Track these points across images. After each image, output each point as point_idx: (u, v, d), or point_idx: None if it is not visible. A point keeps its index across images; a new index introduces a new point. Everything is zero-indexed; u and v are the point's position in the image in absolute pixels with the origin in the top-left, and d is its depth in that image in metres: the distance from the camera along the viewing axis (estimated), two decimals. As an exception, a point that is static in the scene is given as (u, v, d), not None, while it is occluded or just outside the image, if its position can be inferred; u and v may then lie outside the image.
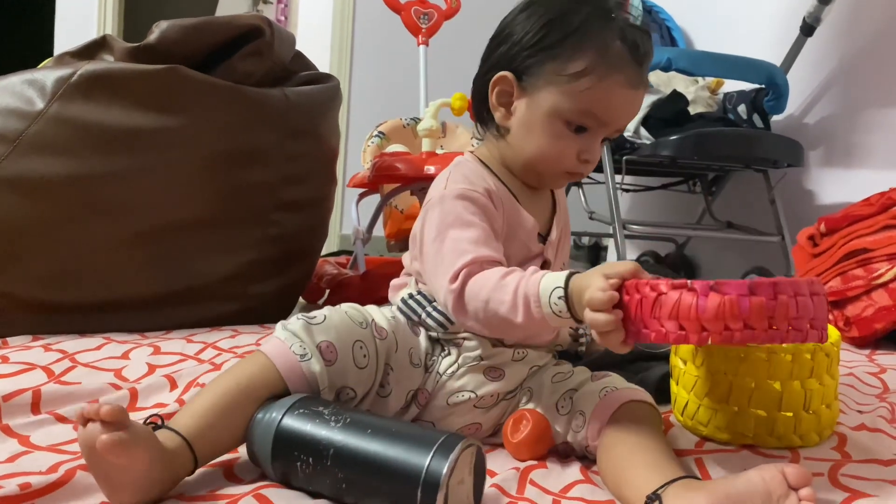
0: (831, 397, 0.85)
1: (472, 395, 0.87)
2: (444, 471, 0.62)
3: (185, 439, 0.70)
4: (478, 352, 0.88)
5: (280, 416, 0.71)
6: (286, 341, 0.78)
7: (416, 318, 0.90)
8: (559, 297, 0.74)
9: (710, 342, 0.67)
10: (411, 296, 0.91)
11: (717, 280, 0.66)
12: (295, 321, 0.80)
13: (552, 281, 0.75)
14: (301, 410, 0.72)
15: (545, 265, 0.93)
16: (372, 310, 0.88)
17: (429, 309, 0.89)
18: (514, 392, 0.90)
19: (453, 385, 0.88)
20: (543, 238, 0.94)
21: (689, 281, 0.67)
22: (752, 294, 0.65)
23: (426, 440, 0.66)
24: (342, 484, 0.67)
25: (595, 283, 0.70)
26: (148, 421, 0.72)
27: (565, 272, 0.76)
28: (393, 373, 0.84)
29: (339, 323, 0.81)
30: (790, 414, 0.82)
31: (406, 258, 0.97)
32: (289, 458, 0.70)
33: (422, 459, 0.64)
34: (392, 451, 0.66)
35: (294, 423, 0.71)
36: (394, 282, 0.97)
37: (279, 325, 0.82)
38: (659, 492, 0.68)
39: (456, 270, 0.81)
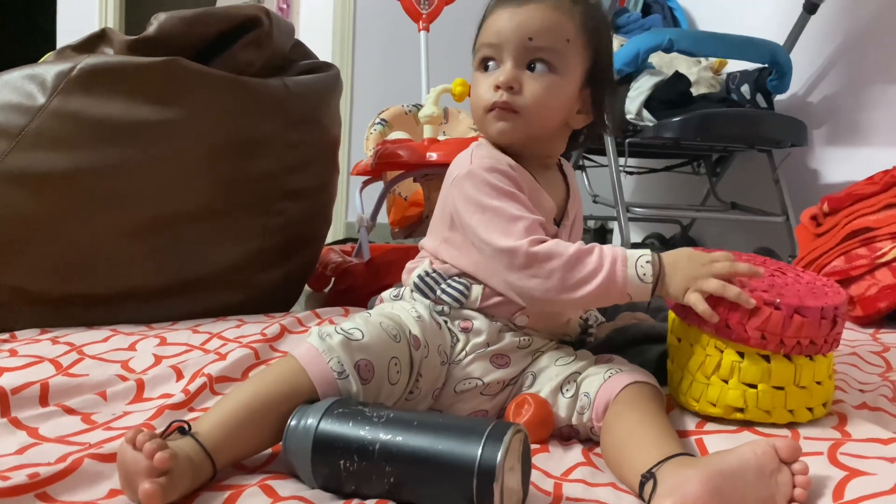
0: (823, 374, 0.84)
1: (479, 383, 0.89)
2: (499, 458, 0.62)
3: (207, 452, 0.70)
4: (484, 337, 0.89)
5: (318, 419, 0.70)
6: (324, 354, 0.77)
7: (432, 294, 0.91)
8: (647, 262, 0.81)
9: (780, 352, 0.81)
10: (427, 273, 0.93)
11: (797, 302, 0.79)
12: (334, 333, 0.79)
13: (638, 251, 0.82)
14: (340, 410, 0.71)
15: None
16: (402, 313, 0.88)
17: (444, 286, 0.91)
18: (518, 377, 0.91)
19: (461, 373, 0.89)
20: (557, 222, 0.95)
21: (777, 300, 0.79)
22: (822, 318, 0.80)
23: (475, 429, 0.66)
24: (390, 478, 0.66)
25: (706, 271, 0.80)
26: (171, 429, 0.71)
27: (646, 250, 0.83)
28: (422, 378, 0.85)
29: (376, 340, 0.80)
30: (780, 388, 0.82)
31: (425, 241, 0.98)
32: (331, 459, 0.69)
33: (474, 448, 0.64)
34: (442, 442, 0.66)
35: (334, 422, 0.70)
36: (408, 265, 0.98)
37: (314, 331, 0.80)
38: (653, 470, 0.69)
39: (520, 229, 0.83)
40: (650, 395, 0.82)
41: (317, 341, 0.78)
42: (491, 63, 0.91)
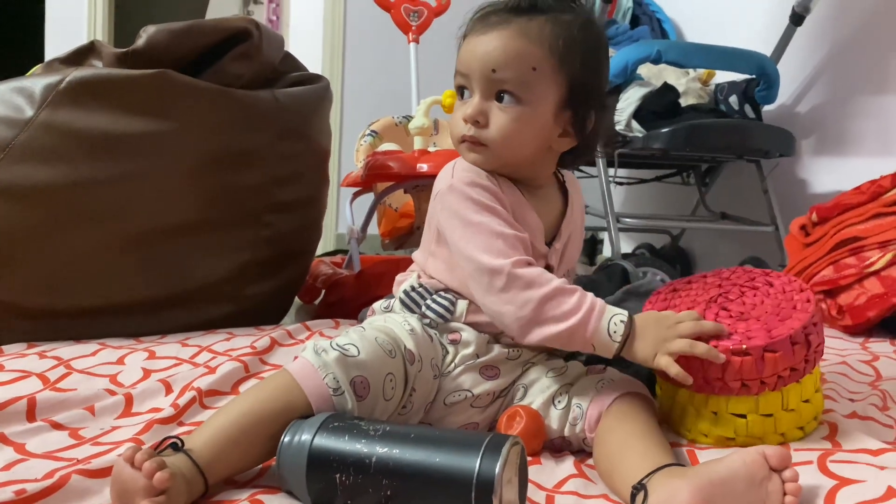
0: (810, 391, 0.84)
1: (469, 395, 0.88)
2: (497, 470, 0.62)
3: (199, 468, 0.69)
4: (472, 349, 0.89)
5: (312, 434, 0.70)
6: (319, 370, 0.76)
7: (417, 309, 0.91)
8: (621, 321, 0.80)
9: (765, 391, 0.80)
10: (413, 288, 0.93)
11: (764, 339, 0.78)
12: (330, 349, 0.78)
13: (616, 308, 0.82)
14: (335, 424, 0.71)
15: (547, 270, 0.93)
16: (395, 326, 0.87)
17: (429, 301, 0.91)
18: (509, 389, 0.91)
19: (451, 385, 0.88)
20: (549, 243, 0.94)
21: (744, 346, 0.78)
22: (794, 344, 0.79)
23: (473, 441, 0.66)
24: (387, 491, 0.66)
25: (673, 337, 0.80)
26: (164, 445, 0.71)
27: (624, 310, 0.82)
28: (416, 393, 0.84)
29: (372, 357, 0.79)
30: (769, 415, 0.82)
31: (416, 254, 0.98)
32: (326, 474, 0.68)
33: (472, 461, 0.63)
34: (440, 455, 0.65)
35: (329, 437, 0.69)
36: (398, 277, 0.98)
37: (310, 346, 0.79)
38: (644, 481, 0.69)
39: (501, 247, 0.83)
40: (642, 406, 0.82)
41: (312, 357, 0.78)
42: (465, 92, 0.90)
